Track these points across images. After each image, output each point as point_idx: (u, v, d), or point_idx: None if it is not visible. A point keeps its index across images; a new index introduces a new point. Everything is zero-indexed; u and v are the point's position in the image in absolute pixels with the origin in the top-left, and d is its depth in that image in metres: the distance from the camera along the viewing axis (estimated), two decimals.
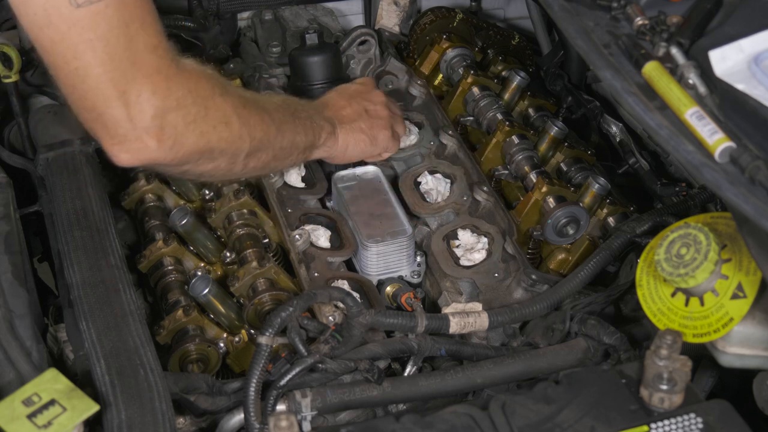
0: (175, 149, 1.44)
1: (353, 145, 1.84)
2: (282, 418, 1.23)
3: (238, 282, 1.74)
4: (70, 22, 1.31)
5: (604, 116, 2.11)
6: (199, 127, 1.46)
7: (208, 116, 1.47)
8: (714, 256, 1.37)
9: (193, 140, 1.46)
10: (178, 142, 1.43)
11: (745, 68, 1.24)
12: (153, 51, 1.38)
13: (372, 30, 2.22)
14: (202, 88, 1.46)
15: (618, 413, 1.32)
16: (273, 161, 1.66)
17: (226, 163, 1.56)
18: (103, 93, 1.35)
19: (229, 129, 1.52)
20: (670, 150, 1.22)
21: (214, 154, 1.52)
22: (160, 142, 1.41)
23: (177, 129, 1.42)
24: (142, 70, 1.37)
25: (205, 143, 1.48)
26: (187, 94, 1.43)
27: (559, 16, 1.42)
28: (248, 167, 1.61)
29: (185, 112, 1.43)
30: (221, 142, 1.51)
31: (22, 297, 1.60)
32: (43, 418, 1.23)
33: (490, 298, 1.75)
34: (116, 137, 1.40)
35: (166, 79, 1.39)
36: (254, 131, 1.57)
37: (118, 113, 1.37)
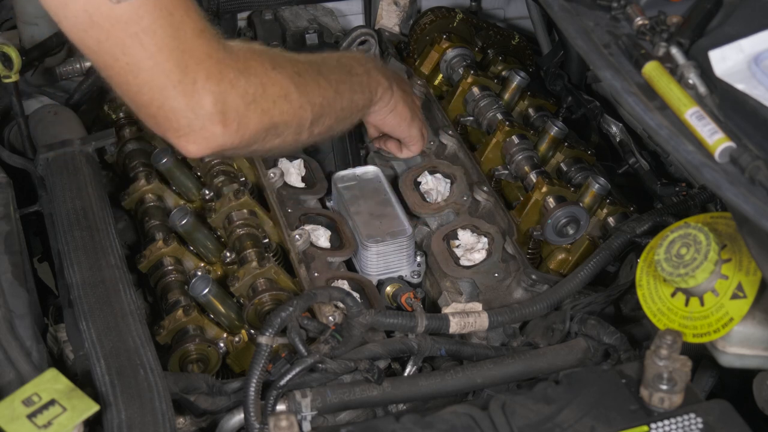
0: (240, 132, 1.43)
1: (400, 110, 1.85)
2: (282, 418, 1.23)
3: (238, 282, 1.74)
4: (113, 19, 1.30)
5: (604, 116, 2.11)
6: (259, 106, 1.45)
7: (266, 93, 1.46)
8: (714, 256, 1.37)
9: (257, 119, 1.45)
10: (242, 123, 1.42)
11: (745, 68, 1.24)
12: (200, 36, 1.37)
13: (372, 30, 2.22)
14: (253, 66, 1.45)
15: (618, 413, 1.32)
16: (336, 124, 1.66)
17: (292, 136, 1.56)
18: (158, 85, 1.35)
19: (289, 102, 1.51)
20: (670, 150, 1.22)
21: (279, 129, 1.51)
22: (225, 127, 1.40)
23: (239, 111, 1.41)
24: (194, 57, 1.36)
25: (269, 120, 1.47)
26: (239, 74, 1.42)
27: (559, 16, 1.42)
28: (314, 134, 1.61)
29: (243, 93, 1.42)
30: (284, 115, 1.50)
31: (22, 297, 1.60)
32: (43, 418, 1.23)
33: (490, 298, 1.75)
34: (180, 129, 1.39)
35: (217, 63, 1.38)
36: (314, 98, 1.56)
37: (177, 104, 1.36)
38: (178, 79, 1.35)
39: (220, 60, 1.39)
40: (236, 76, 1.41)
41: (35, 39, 2.14)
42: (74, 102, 2.15)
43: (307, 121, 1.56)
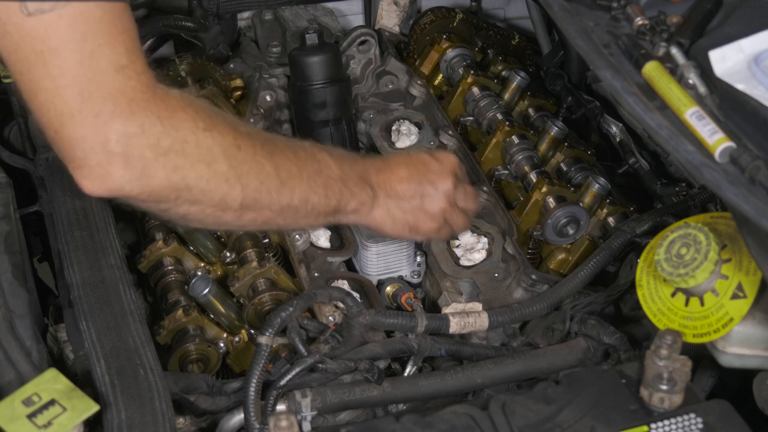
0: (143, 181, 1.30)
1: (390, 225, 1.63)
2: (282, 418, 1.23)
3: (238, 282, 1.74)
4: (22, 32, 1.22)
5: (604, 116, 2.11)
6: (172, 161, 1.31)
7: (186, 151, 1.32)
8: (714, 256, 1.37)
9: (165, 174, 1.31)
10: (146, 173, 1.29)
11: (745, 68, 1.24)
12: (118, 71, 1.26)
13: (372, 30, 2.22)
14: (179, 118, 1.31)
15: (618, 413, 1.32)
16: (279, 219, 1.48)
17: (213, 210, 1.40)
18: (57, 108, 1.24)
19: (212, 170, 1.35)
20: (670, 150, 1.22)
21: (195, 196, 1.36)
22: (125, 170, 1.28)
23: (145, 158, 1.28)
24: (101, 90, 1.25)
25: (181, 180, 1.33)
26: (156, 121, 1.29)
27: (559, 16, 1.42)
28: (244, 219, 1.44)
29: (154, 141, 1.29)
30: (201, 182, 1.35)
31: (22, 297, 1.60)
32: (43, 418, 1.23)
33: (490, 298, 1.75)
34: (75, 161, 1.28)
35: (129, 102, 1.26)
36: (248, 179, 1.40)
37: (73, 133, 1.25)
38: (77, 107, 1.24)
39: (135, 101, 1.27)
40: (151, 122, 1.28)
41: None
42: None
43: (234, 200, 1.40)
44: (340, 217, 1.57)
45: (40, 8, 1.21)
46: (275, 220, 1.48)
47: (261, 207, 1.44)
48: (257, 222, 1.47)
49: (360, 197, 1.57)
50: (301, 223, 1.55)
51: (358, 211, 1.58)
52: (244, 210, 1.42)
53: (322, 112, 2.01)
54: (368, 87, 2.20)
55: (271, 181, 1.44)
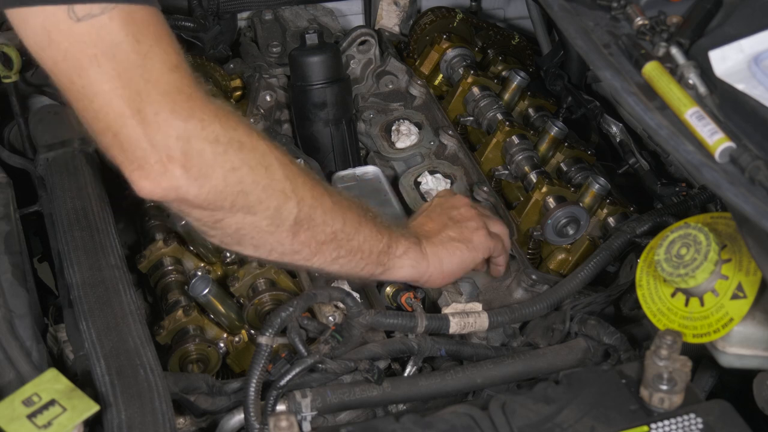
0: (201, 181, 1.29)
1: (448, 257, 1.62)
2: (282, 418, 1.23)
3: (238, 282, 1.74)
4: (72, 39, 1.22)
5: (604, 116, 2.11)
6: (230, 161, 1.30)
7: (243, 151, 1.31)
8: (714, 257, 1.37)
9: (222, 173, 1.30)
10: (204, 172, 1.28)
11: (745, 68, 1.24)
12: (172, 70, 1.26)
13: (372, 30, 2.22)
14: (235, 121, 1.32)
15: (618, 413, 1.32)
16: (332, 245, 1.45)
17: (268, 223, 1.38)
18: (115, 111, 1.24)
19: (269, 176, 1.35)
20: (670, 150, 1.22)
21: (251, 201, 1.34)
22: (185, 170, 1.27)
23: (204, 156, 1.28)
24: (159, 88, 1.25)
25: (238, 181, 1.32)
26: (215, 119, 1.29)
27: (559, 16, 1.42)
28: (299, 239, 1.42)
29: (213, 140, 1.28)
30: (257, 187, 1.34)
31: (22, 297, 1.60)
32: (43, 418, 1.23)
33: (490, 298, 1.75)
34: (135, 161, 1.27)
35: (188, 99, 1.27)
36: (302, 192, 1.39)
37: (134, 132, 1.25)
38: (137, 107, 1.24)
39: (193, 97, 1.28)
40: (210, 120, 1.28)
41: None
42: None
43: (290, 213, 1.38)
44: (392, 262, 1.56)
45: (90, 12, 1.21)
46: (327, 247, 1.46)
47: (315, 225, 1.43)
48: (310, 246, 1.44)
49: (406, 241, 1.58)
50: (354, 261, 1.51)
51: (407, 255, 1.57)
52: (299, 227, 1.41)
53: (322, 112, 2.01)
54: (368, 87, 2.20)
55: (325, 200, 1.44)
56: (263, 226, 1.39)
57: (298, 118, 2.06)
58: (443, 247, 1.63)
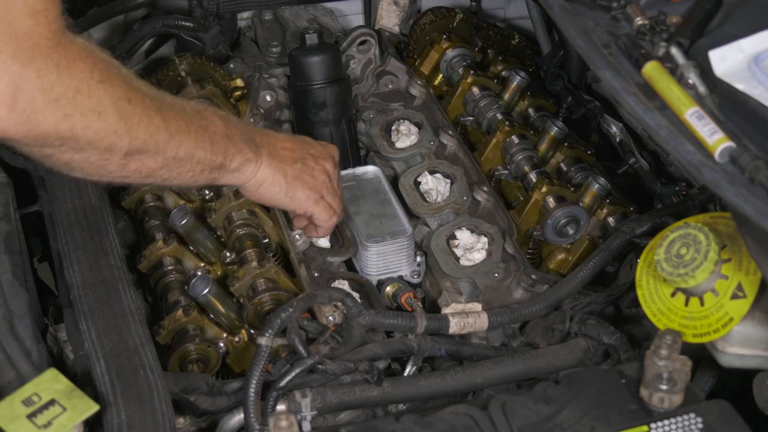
0: (29, 126, 1.29)
1: (268, 185, 1.67)
2: (282, 418, 1.23)
3: (238, 282, 1.74)
4: None
5: (604, 116, 2.11)
6: (62, 109, 1.31)
7: (77, 100, 1.32)
8: (714, 256, 1.37)
9: (53, 122, 1.31)
10: (33, 118, 1.28)
11: (745, 68, 1.24)
12: (31, 15, 1.25)
13: (372, 30, 2.22)
14: (77, 69, 1.32)
15: (618, 413, 1.32)
16: (163, 170, 1.50)
17: (97, 158, 1.41)
18: None
19: (102, 120, 1.36)
20: (670, 150, 1.22)
21: (81, 144, 1.37)
22: (11, 112, 1.26)
23: (34, 104, 1.28)
24: (9, 31, 1.23)
25: (69, 128, 1.33)
26: (54, 68, 1.28)
27: (559, 16, 1.42)
28: (128, 168, 1.46)
29: (47, 87, 1.28)
30: (89, 131, 1.35)
31: (22, 297, 1.60)
32: (43, 418, 1.23)
33: (490, 298, 1.75)
34: None
35: (32, 47, 1.26)
36: (136, 130, 1.41)
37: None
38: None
39: (38, 46, 1.27)
40: (48, 69, 1.28)
41: None
42: None
43: (119, 149, 1.41)
44: (223, 175, 1.60)
45: None
46: (159, 172, 1.50)
47: (146, 158, 1.46)
48: (140, 173, 1.48)
49: (245, 154, 1.61)
50: (186, 177, 1.55)
51: (241, 169, 1.61)
52: (129, 159, 1.44)
53: (322, 112, 2.01)
54: (368, 87, 2.20)
55: (160, 134, 1.46)
56: (93, 160, 1.41)
57: (298, 118, 2.06)
58: (273, 174, 1.67)
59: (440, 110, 2.12)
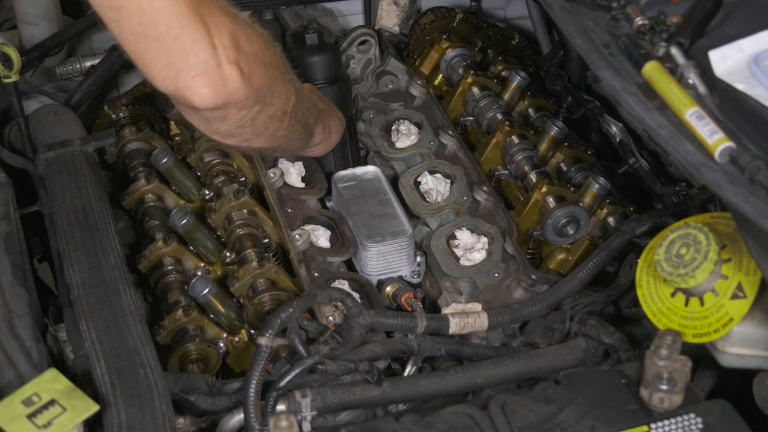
0: (252, 80, 1.35)
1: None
2: (282, 418, 1.23)
3: (238, 282, 1.74)
4: None
5: (604, 116, 2.11)
6: (263, 60, 1.38)
7: (265, 51, 1.40)
8: (714, 256, 1.37)
9: (263, 72, 1.38)
10: (252, 71, 1.35)
11: (745, 68, 1.24)
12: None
13: (372, 30, 2.22)
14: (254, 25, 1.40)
15: (618, 413, 1.32)
16: (302, 125, 1.61)
17: (281, 111, 1.49)
18: (175, 11, 1.24)
19: (280, 69, 1.46)
20: (670, 150, 1.22)
21: (275, 93, 1.44)
22: (241, 71, 1.32)
23: (249, 57, 1.34)
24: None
25: (271, 77, 1.42)
26: (246, 24, 1.36)
27: (559, 16, 1.42)
28: (292, 122, 1.54)
29: (252, 41, 1.35)
30: (277, 80, 1.44)
31: (22, 297, 1.60)
32: (43, 418, 1.23)
33: (490, 298, 1.75)
34: (198, 66, 1.28)
35: (228, 6, 1.32)
36: (293, 78, 1.53)
37: (197, 34, 1.26)
38: (195, 7, 1.25)
39: (228, 5, 1.33)
40: (245, 24, 1.35)
41: (35, 39, 2.14)
42: (74, 102, 2.15)
43: (291, 98, 1.50)
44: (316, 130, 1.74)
45: None
46: (299, 129, 1.61)
47: (299, 108, 1.56)
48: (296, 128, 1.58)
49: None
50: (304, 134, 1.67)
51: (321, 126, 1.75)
52: (295, 111, 1.53)
53: None
54: (368, 87, 2.20)
55: (298, 83, 1.56)
56: (278, 115, 1.48)
57: None
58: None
59: (440, 110, 2.12)
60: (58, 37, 2.14)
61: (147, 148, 2.02)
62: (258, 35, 1.39)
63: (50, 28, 2.13)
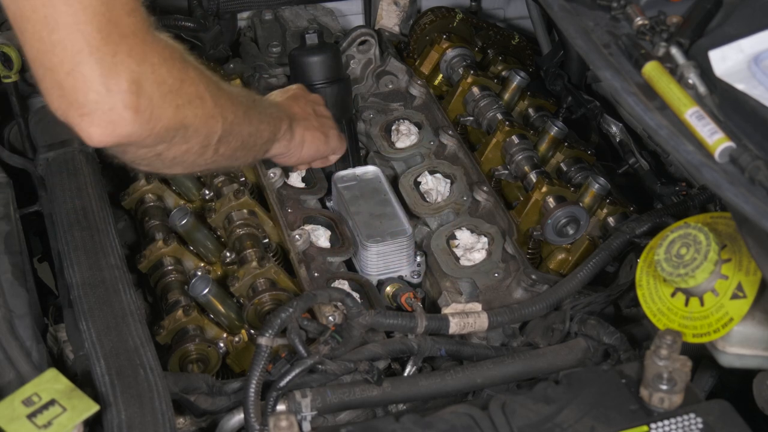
0: (151, 124, 1.29)
1: (309, 142, 1.76)
2: (282, 418, 1.23)
3: (238, 282, 1.74)
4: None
5: (604, 116, 2.11)
6: (174, 100, 1.32)
7: (182, 90, 1.34)
8: (714, 256, 1.37)
9: (170, 114, 1.32)
10: (155, 115, 1.29)
11: (745, 68, 1.24)
12: (131, 13, 1.26)
13: (372, 30, 2.22)
14: (177, 59, 1.34)
15: (618, 413, 1.32)
16: (241, 150, 1.54)
17: (198, 146, 1.43)
18: (74, 46, 1.21)
19: (204, 106, 1.39)
20: (670, 150, 1.22)
21: (189, 133, 1.38)
22: (137, 114, 1.26)
23: (153, 100, 1.28)
24: (119, 29, 1.23)
25: (181, 119, 1.35)
26: (162, 62, 1.29)
27: (559, 16, 1.42)
28: (218, 153, 1.48)
29: (161, 82, 1.29)
30: (196, 119, 1.38)
31: (22, 297, 1.60)
32: (43, 418, 1.23)
33: (490, 298, 1.75)
34: (86, 105, 1.23)
35: (142, 43, 1.26)
36: (226, 112, 1.45)
37: (89, 72, 1.22)
38: (96, 45, 1.21)
39: (146, 42, 1.27)
40: (159, 63, 1.29)
41: None
42: None
43: (215, 134, 1.44)
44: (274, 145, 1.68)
45: None
46: (237, 152, 1.54)
47: (232, 137, 1.49)
48: (226, 155, 1.51)
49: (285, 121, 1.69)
50: (253, 152, 1.61)
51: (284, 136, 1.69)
52: (221, 142, 1.47)
53: None
54: (368, 87, 2.20)
55: (239, 111, 1.49)
56: (195, 149, 1.43)
57: None
58: (308, 132, 1.76)
59: (440, 110, 2.12)
60: None
61: None
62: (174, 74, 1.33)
63: None
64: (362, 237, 1.80)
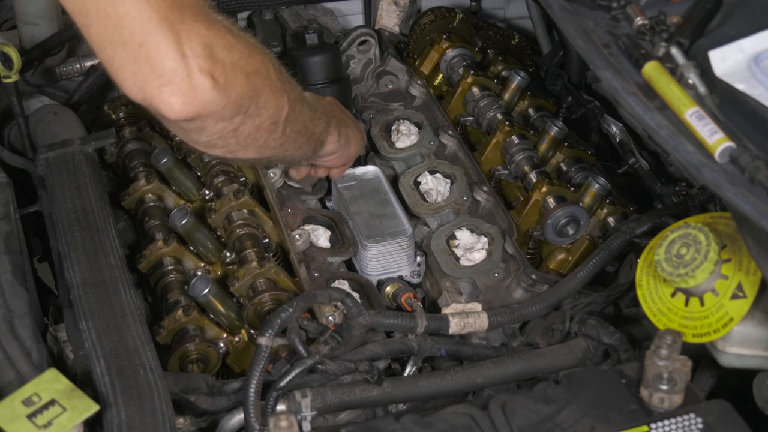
0: (228, 90, 1.27)
1: (353, 139, 1.78)
2: (282, 418, 1.23)
3: (238, 282, 1.74)
4: None
5: (604, 116, 2.11)
6: (244, 68, 1.31)
7: (251, 59, 1.32)
8: (714, 256, 1.37)
9: (243, 81, 1.30)
10: (229, 81, 1.27)
11: (745, 68, 1.24)
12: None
13: (372, 30, 2.22)
14: (237, 30, 1.33)
15: (618, 413, 1.32)
16: (303, 135, 1.53)
17: (269, 122, 1.41)
18: (142, 15, 1.19)
19: (269, 78, 1.38)
20: (670, 150, 1.22)
21: (260, 103, 1.37)
22: (214, 81, 1.24)
23: (225, 66, 1.26)
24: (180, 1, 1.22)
25: (253, 86, 1.33)
26: (227, 30, 1.28)
27: (559, 16, 1.42)
28: (286, 134, 1.47)
29: (231, 47, 1.28)
30: (265, 89, 1.37)
31: (22, 297, 1.60)
32: (43, 418, 1.23)
33: (490, 298, 1.75)
34: (164, 75, 1.21)
35: (205, 12, 1.26)
36: (288, 88, 1.44)
37: (163, 40, 1.19)
38: (164, 12, 1.20)
39: (208, 11, 1.27)
40: (225, 31, 1.28)
41: (35, 39, 2.14)
42: (74, 102, 2.15)
43: (283, 109, 1.42)
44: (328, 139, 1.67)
45: None
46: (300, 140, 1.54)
47: (296, 119, 1.48)
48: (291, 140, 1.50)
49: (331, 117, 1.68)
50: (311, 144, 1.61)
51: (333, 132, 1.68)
52: (287, 122, 1.45)
53: None
54: (368, 87, 2.20)
55: (297, 90, 1.49)
56: (266, 126, 1.41)
57: None
58: (350, 130, 1.77)
59: (440, 110, 2.12)
60: (58, 37, 2.14)
61: (147, 148, 2.02)
62: (241, 43, 1.32)
63: (50, 28, 2.13)
64: (362, 237, 1.80)
